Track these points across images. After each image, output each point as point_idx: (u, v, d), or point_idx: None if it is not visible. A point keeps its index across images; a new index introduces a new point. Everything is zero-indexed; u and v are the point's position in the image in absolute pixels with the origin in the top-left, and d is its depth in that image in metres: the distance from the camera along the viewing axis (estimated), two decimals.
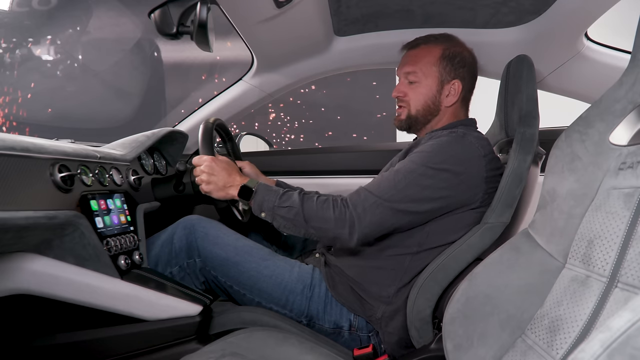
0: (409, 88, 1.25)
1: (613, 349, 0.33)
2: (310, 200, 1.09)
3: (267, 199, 1.12)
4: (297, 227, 1.10)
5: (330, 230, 1.07)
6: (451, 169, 1.07)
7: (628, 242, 0.66)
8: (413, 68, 1.23)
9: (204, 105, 1.81)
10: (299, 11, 1.26)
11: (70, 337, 1.07)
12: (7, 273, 0.95)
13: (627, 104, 0.76)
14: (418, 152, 1.12)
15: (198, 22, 1.02)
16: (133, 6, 4.11)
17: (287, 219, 1.10)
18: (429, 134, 1.22)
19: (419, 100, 1.23)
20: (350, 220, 1.05)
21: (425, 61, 1.22)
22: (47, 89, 4.28)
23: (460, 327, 0.84)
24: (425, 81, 1.22)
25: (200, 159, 1.20)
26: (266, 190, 1.14)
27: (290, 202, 1.10)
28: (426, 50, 1.23)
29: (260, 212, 1.13)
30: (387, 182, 1.08)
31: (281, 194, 1.12)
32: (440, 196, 1.07)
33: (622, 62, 1.31)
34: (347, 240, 1.07)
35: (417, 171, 1.07)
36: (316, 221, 1.07)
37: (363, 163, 1.81)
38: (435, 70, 1.22)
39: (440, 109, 1.24)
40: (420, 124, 1.26)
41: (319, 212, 1.07)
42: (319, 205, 1.08)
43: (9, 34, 4.12)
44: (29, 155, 0.89)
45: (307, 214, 1.08)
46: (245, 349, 0.93)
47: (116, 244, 1.07)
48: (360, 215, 1.05)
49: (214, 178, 1.17)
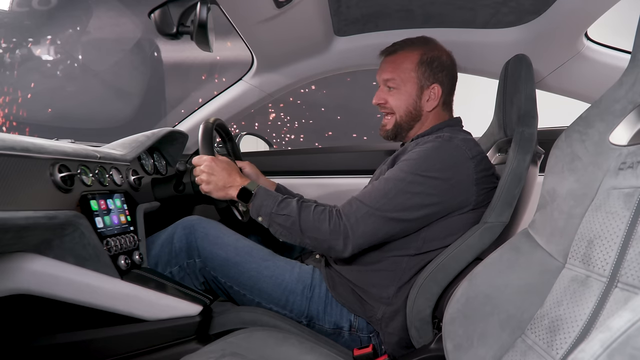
0: (388, 95, 1.24)
1: (613, 349, 0.33)
2: (307, 210, 1.09)
3: (265, 203, 1.12)
4: (292, 236, 1.10)
5: (325, 241, 1.07)
6: (440, 176, 1.07)
7: (628, 242, 0.66)
8: (391, 75, 1.23)
9: (204, 105, 1.81)
10: (299, 11, 1.26)
11: (70, 337, 1.07)
12: (7, 273, 0.95)
13: (627, 104, 0.76)
14: (406, 160, 1.11)
15: (198, 22, 1.02)
16: (133, 6, 4.10)
17: (283, 226, 1.10)
18: (415, 140, 1.22)
19: (401, 106, 1.24)
20: (344, 232, 1.05)
21: (403, 67, 1.22)
22: (47, 89, 4.28)
23: (460, 327, 0.84)
24: (404, 87, 1.22)
25: (200, 159, 1.20)
26: (265, 194, 1.14)
27: (287, 211, 1.10)
28: (404, 56, 1.23)
29: (257, 216, 1.13)
30: (378, 191, 1.08)
31: (280, 200, 1.12)
32: (431, 202, 1.07)
33: (622, 62, 1.31)
34: (341, 251, 1.07)
35: (407, 179, 1.07)
36: (312, 232, 1.08)
37: (363, 163, 1.81)
38: (414, 76, 1.22)
39: (422, 114, 1.24)
40: (404, 131, 1.27)
41: (315, 224, 1.07)
42: (315, 217, 1.08)
43: (9, 34, 4.12)
44: (29, 155, 0.89)
45: (303, 225, 1.08)
46: (245, 349, 0.93)
47: (116, 244, 1.07)
48: (353, 225, 1.05)
49: (214, 178, 1.17)
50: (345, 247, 1.06)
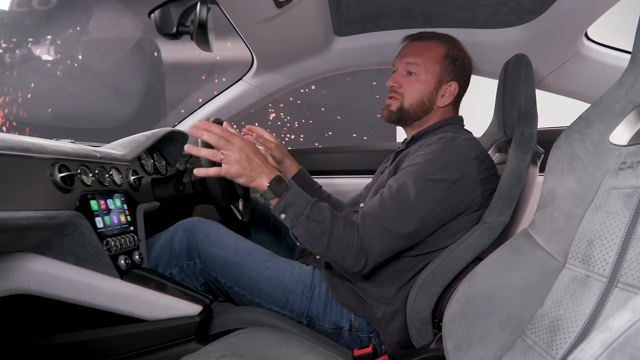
0: (406, 80, 1.23)
1: (613, 349, 0.33)
2: (338, 222, 1.02)
3: (296, 203, 1.02)
4: (316, 244, 1.02)
5: (347, 259, 1.02)
6: (448, 178, 1.05)
7: (628, 242, 0.66)
8: (416, 59, 1.21)
9: (204, 105, 1.81)
10: (299, 11, 1.26)
11: (70, 337, 1.07)
12: (7, 273, 0.95)
13: (627, 104, 0.76)
14: (412, 164, 1.09)
15: (198, 22, 1.02)
16: (133, 6, 4.10)
17: (310, 233, 1.02)
18: (418, 141, 1.21)
19: (415, 94, 1.22)
20: (364, 252, 1.02)
21: (428, 55, 1.21)
22: (47, 89, 4.27)
23: (460, 327, 0.84)
24: (425, 76, 1.21)
25: (227, 133, 1.01)
26: (297, 193, 1.04)
27: (320, 217, 1.02)
28: (431, 45, 1.22)
29: (281, 213, 1.03)
30: (390, 204, 1.04)
31: (312, 203, 1.03)
32: (443, 208, 1.06)
33: (622, 62, 1.31)
34: (360, 270, 1.04)
35: (417, 185, 1.04)
36: (338, 248, 1.01)
37: (363, 163, 1.81)
38: (437, 68, 1.21)
39: (433, 108, 1.24)
40: (410, 119, 1.25)
41: (345, 240, 1.01)
42: (345, 232, 1.01)
43: (9, 34, 4.11)
44: (29, 155, 0.89)
45: (332, 237, 1.01)
46: (245, 349, 0.93)
47: (116, 244, 1.07)
48: (370, 243, 1.02)
49: (245, 161, 1.00)
50: (366, 266, 1.04)
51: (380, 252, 1.04)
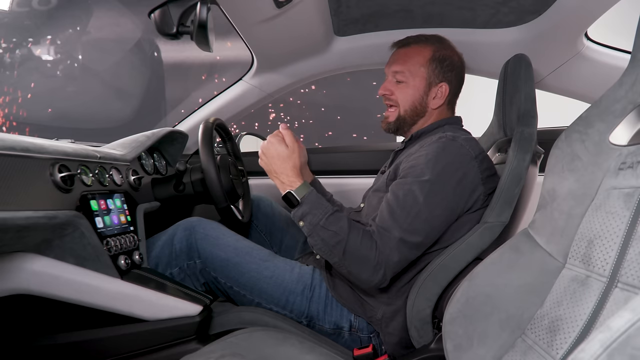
0: (396, 87, 1.24)
1: (613, 349, 0.33)
2: (356, 233, 1.03)
3: (314, 212, 1.06)
4: (330, 254, 1.05)
5: (363, 273, 1.03)
6: (451, 178, 1.06)
7: (628, 242, 0.66)
8: (401, 67, 1.23)
9: (204, 105, 1.81)
10: (299, 11, 1.26)
11: (70, 337, 1.07)
12: (7, 273, 0.95)
13: (627, 104, 0.76)
14: (414, 166, 1.08)
15: (198, 22, 1.02)
16: (133, 6, 4.10)
17: (326, 243, 1.04)
18: (418, 140, 1.22)
19: (407, 100, 1.23)
20: (382, 265, 1.02)
21: (414, 61, 1.22)
22: (47, 89, 4.27)
23: (460, 327, 0.84)
24: (412, 81, 1.22)
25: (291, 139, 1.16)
26: (317, 202, 1.08)
27: (337, 227, 1.04)
28: (416, 50, 1.23)
29: (299, 220, 1.08)
30: (400, 211, 1.04)
31: (330, 213, 1.06)
32: (451, 209, 1.07)
33: (622, 62, 1.31)
34: (379, 283, 1.04)
35: (424, 190, 1.04)
36: (355, 259, 1.02)
37: (363, 163, 1.81)
38: (423, 71, 1.22)
39: (426, 111, 1.24)
40: (407, 125, 1.27)
41: (361, 251, 1.02)
42: (362, 244, 1.02)
43: (9, 34, 4.11)
44: (29, 155, 0.89)
45: (348, 248, 1.02)
46: (245, 349, 0.93)
47: (116, 244, 1.07)
48: (389, 256, 1.02)
49: (277, 159, 1.13)
50: (384, 279, 1.04)
51: (399, 263, 1.04)
